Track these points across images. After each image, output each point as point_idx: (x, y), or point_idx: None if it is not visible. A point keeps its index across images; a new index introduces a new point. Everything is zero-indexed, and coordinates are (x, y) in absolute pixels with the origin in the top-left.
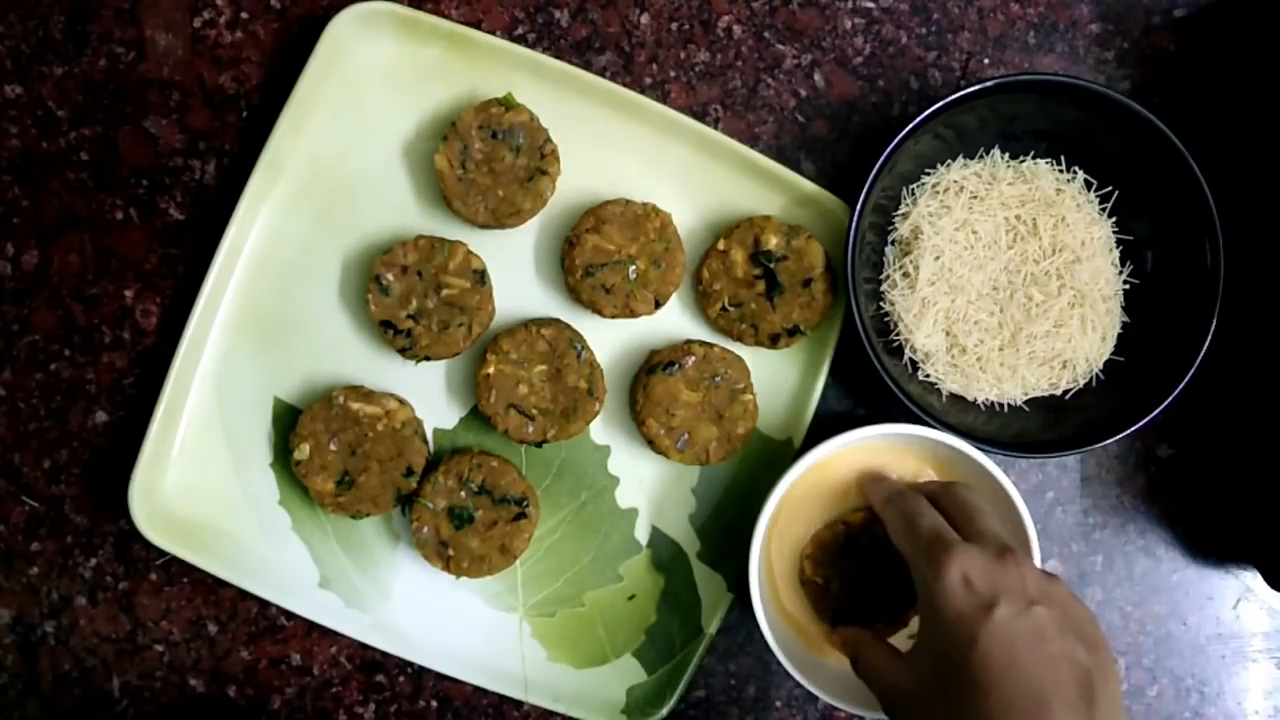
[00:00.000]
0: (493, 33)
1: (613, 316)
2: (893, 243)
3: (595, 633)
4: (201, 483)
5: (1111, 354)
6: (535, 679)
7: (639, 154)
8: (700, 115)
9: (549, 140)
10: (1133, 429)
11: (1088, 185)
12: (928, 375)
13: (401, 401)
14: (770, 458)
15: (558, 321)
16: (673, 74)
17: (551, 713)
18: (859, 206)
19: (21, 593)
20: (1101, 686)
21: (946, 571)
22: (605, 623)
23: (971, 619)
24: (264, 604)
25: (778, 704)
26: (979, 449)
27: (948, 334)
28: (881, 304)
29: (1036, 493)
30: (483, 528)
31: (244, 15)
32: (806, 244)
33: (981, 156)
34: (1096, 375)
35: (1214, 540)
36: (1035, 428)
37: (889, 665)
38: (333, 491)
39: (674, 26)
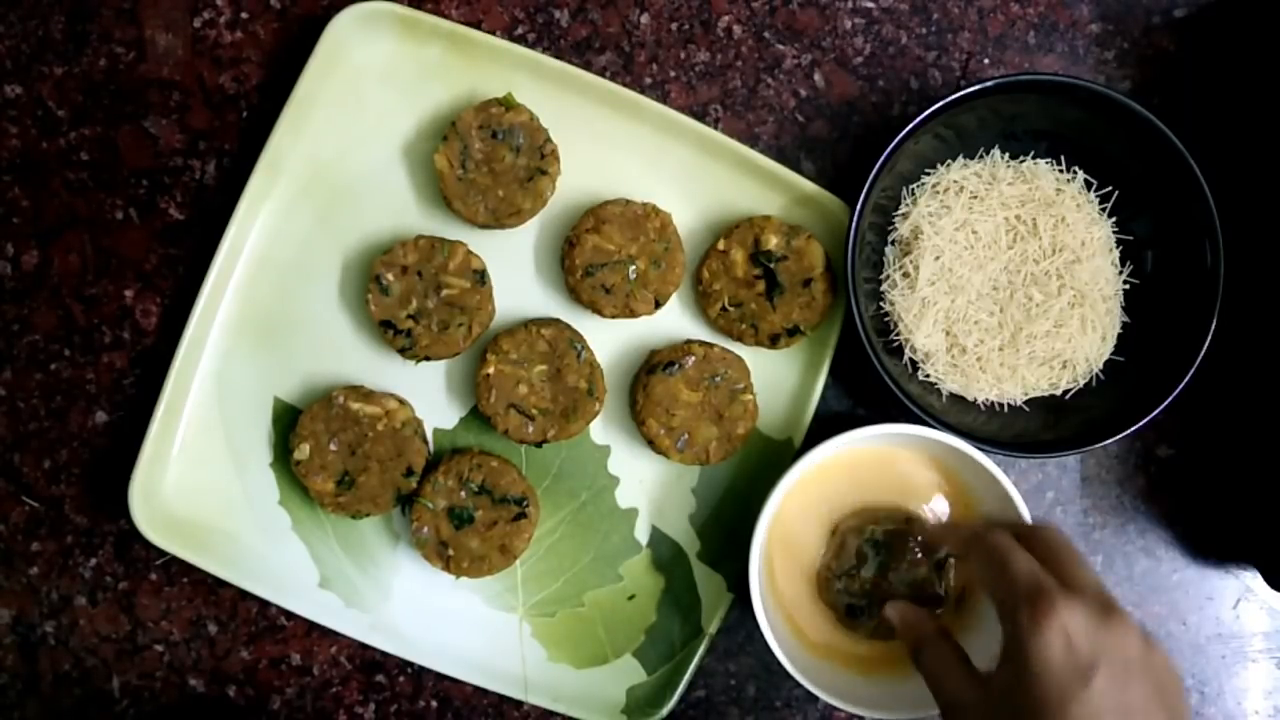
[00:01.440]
0: (493, 33)
1: (613, 316)
2: (893, 243)
3: (595, 633)
4: (201, 483)
5: (1111, 354)
6: (535, 679)
7: (639, 154)
8: (700, 115)
9: (549, 140)
10: (1133, 429)
11: (1088, 185)
12: (928, 375)
13: (401, 401)
14: (770, 458)
15: (558, 321)
16: (673, 74)
17: (551, 713)
18: (859, 206)
19: (21, 593)
20: None
21: (1048, 625)
22: (605, 623)
23: (1068, 683)
24: (264, 604)
25: (778, 704)
26: (979, 449)
27: (948, 334)
28: (881, 304)
29: (1036, 493)
30: (483, 528)
31: (244, 15)
32: (806, 244)
33: (981, 156)
34: (1096, 375)
35: (1214, 540)
36: (1035, 428)
37: (960, 681)
38: (333, 491)
39: (674, 26)
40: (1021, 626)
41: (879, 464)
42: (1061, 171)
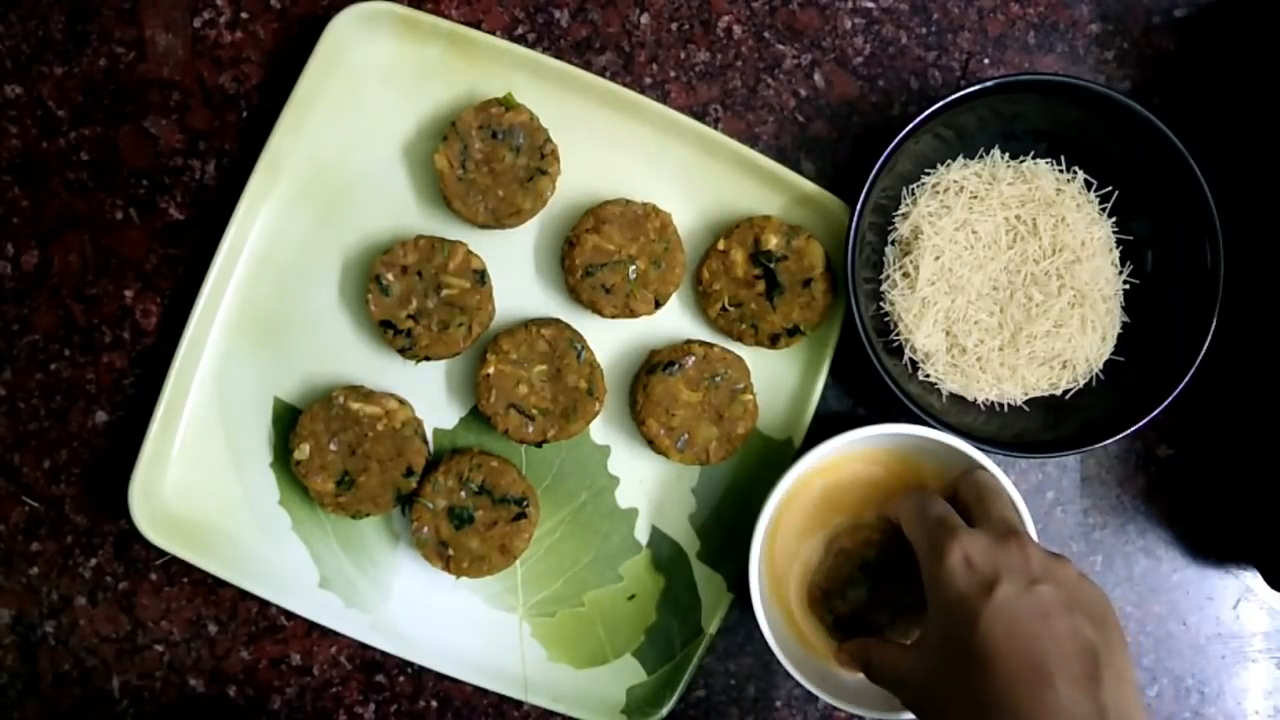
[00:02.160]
0: (493, 33)
1: (613, 316)
2: (893, 243)
3: (595, 633)
4: (201, 483)
5: (1111, 354)
6: (535, 679)
7: (639, 154)
8: (700, 115)
9: (549, 140)
10: (1133, 429)
11: (1088, 185)
12: (928, 375)
13: (401, 401)
14: (770, 458)
15: (558, 321)
16: (673, 74)
17: (551, 713)
18: (859, 206)
19: (21, 593)
20: (1108, 662)
21: (949, 554)
22: (605, 623)
23: (973, 598)
24: (264, 604)
25: (778, 704)
26: (979, 449)
27: (948, 334)
28: (881, 304)
29: (1036, 493)
30: (483, 528)
31: (244, 15)
32: (806, 244)
33: (981, 156)
34: (1096, 375)
35: (1214, 540)
36: (1035, 428)
37: (898, 659)
38: (333, 491)
39: (674, 26)
40: (929, 563)
41: (879, 464)
42: (1061, 171)
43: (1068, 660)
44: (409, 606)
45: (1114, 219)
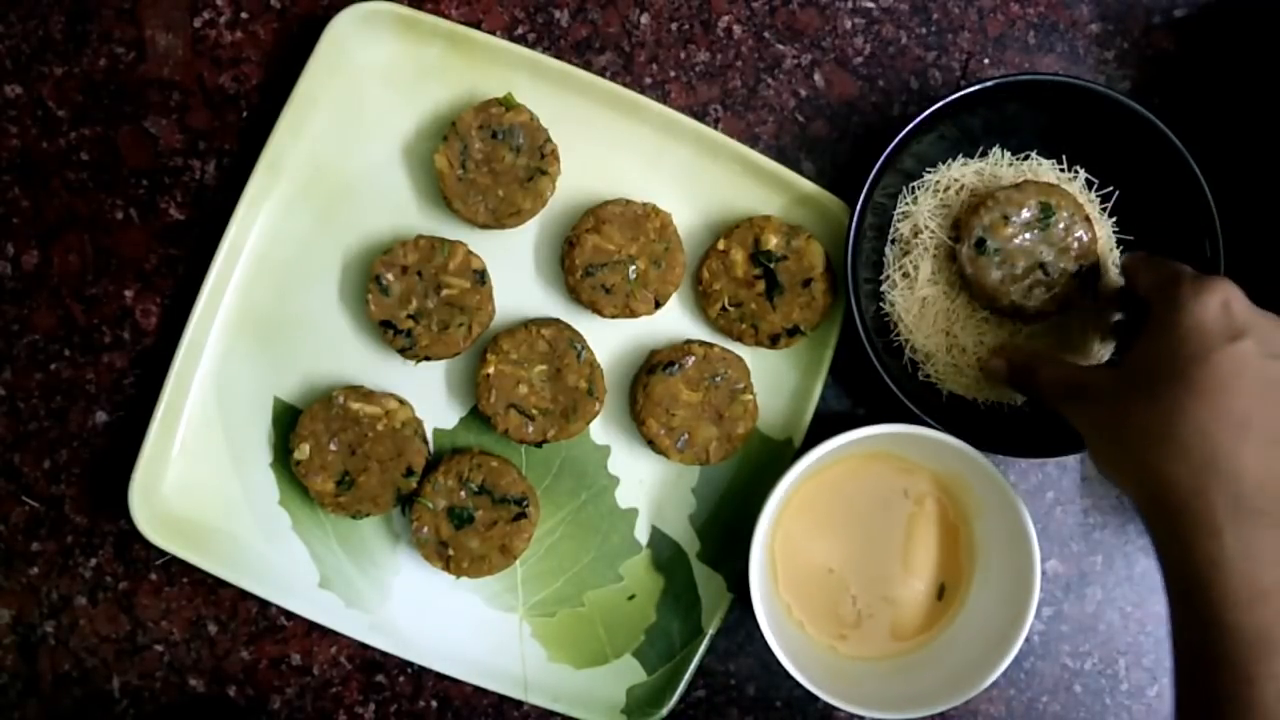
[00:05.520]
0: (493, 33)
1: (613, 316)
2: (893, 242)
3: (595, 633)
4: (201, 483)
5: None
6: (535, 679)
7: (639, 154)
8: (700, 115)
9: (549, 140)
10: None
11: (1088, 185)
12: (928, 375)
13: (401, 401)
14: (770, 458)
15: (558, 321)
16: (673, 74)
17: (551, 713)
18: (859, 206)
19: (21, 593)
20: None
21: (1210, 292)
22: (605, 623)
23: (1215, 338)
24: (264, 604)
25: (778, 704)
26: (979, 449)
27: (947, 334)
28: (881, 304)
29: (1036, 493)
30: (483, 528)
31: (244, 15)
32: (806, 244)
33: (982, 155)
34: None
35: None
36: (1035, 428)
37: (1083, 372)
38: (333, 491)
39: (674, 26)
40: (1182, 292)
41: (878, 464)
42: (1062, 171)
43: (1272, 423)
44: (409, 606)
45: (1114, 219)
